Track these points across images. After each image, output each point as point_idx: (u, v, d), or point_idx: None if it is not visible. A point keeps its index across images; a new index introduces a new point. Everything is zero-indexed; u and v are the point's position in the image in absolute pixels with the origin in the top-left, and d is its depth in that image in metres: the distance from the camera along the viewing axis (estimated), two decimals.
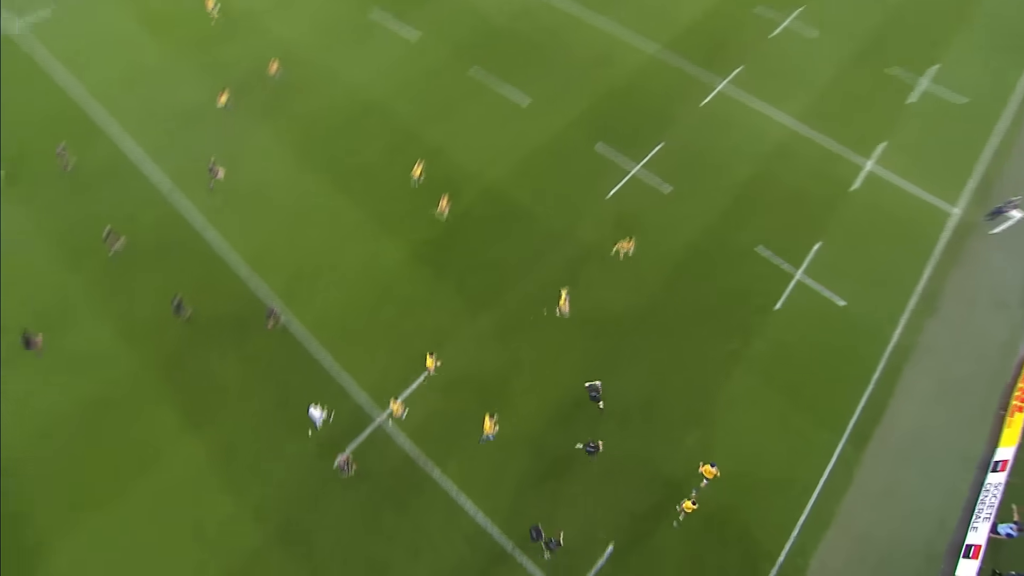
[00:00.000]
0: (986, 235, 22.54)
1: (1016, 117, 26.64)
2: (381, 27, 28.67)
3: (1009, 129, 26.09)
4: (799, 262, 21.00)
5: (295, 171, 22.97)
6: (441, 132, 24.29)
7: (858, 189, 23.32)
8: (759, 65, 27.82)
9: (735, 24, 29.87)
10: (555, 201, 22.11)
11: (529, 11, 29.88)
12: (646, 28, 29.06)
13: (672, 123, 24.88)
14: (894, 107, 26.63)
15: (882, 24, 30.53)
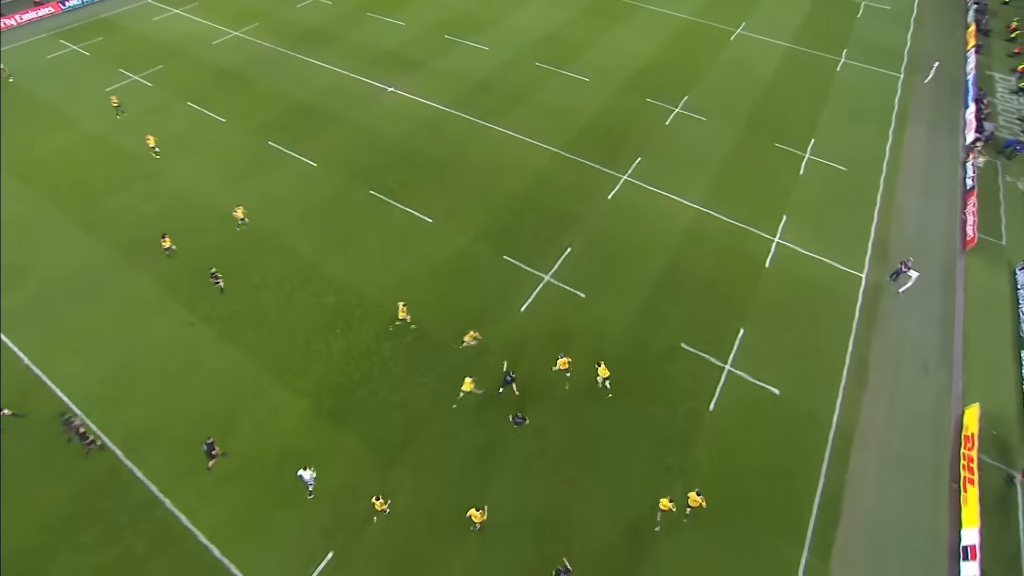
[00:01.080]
0: (895, 296, 22.92)
1: (888, 181, 28.45)
2: (279, 157, 28.16)
3: (885, 193, 27.69)
4: (726, 354, 20.37)
5: (177, 325, 20.91)
6: (343, 261, 23.10)
7: (771, 266, 23.51)
8: (659, 152, 28.90)
9: (631, 115, 31.34)
10: (466, 323, 20.89)
11: (423, 125, 30.33)
12: (543, 132, 29.96)
13: (579, 223, 24.82)
14: (788, 179, 27.90)
15: (758, 105, 32.92)
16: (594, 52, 37.22)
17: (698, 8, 44.39)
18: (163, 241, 22.80)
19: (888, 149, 30.59)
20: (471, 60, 35.98)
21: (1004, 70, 39.16)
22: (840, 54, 39.21)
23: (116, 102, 31.03)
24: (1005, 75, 38.61)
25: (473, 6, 43.05)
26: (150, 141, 27.89)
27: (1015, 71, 38.74)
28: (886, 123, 32.61)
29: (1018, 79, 38.08)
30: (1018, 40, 42.69)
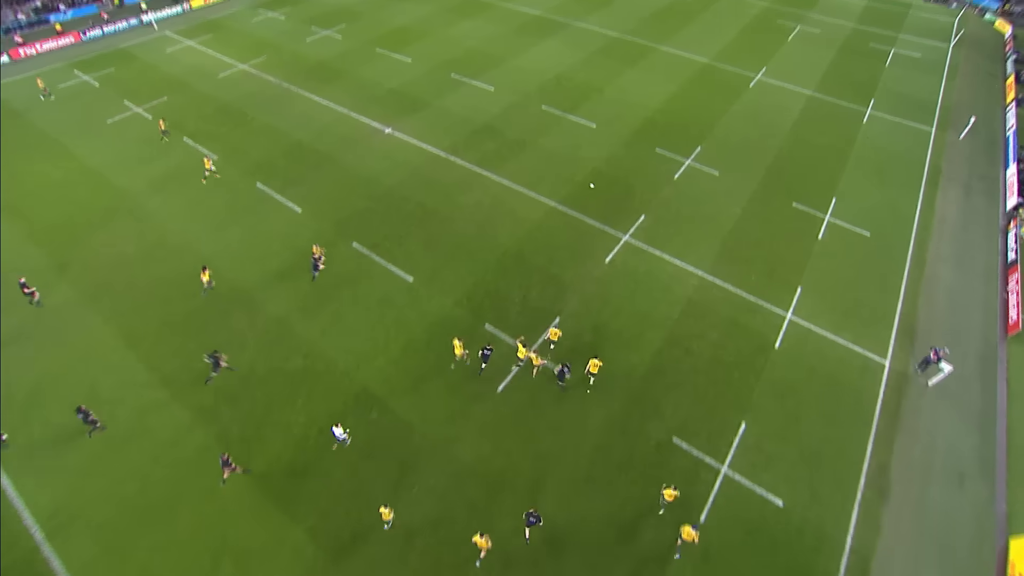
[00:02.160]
0: (923, 389, 20.26)
1: (917, 249, 25.87)
2: (266, 202, 27.04)
3: (913, 263, 25.11)
4: (724, 452, 17.98)
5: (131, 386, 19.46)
6: (315, 323, 21.52)
7: (780, 347, 21.12)
8: (665, 210, 26.94)
9: (638, 167, 29.51)
10: (435, 405, 18.98)
11: (417, 172, 28.97)
12: (542, 183, 28.31)
13: (572, 289, 22.87)
14: (804, 244, 25.59)
15: (776, 159, 30.80)
16: (604, 96, 35.73)
17: (716, 52, 42.76)
18: (203, 275, 22.01)
19: (918, 213, 28.06)
20: (475, 101, 34.80)
21: None
22: (867, 105, 36.96)
23: (164, 126, 31.02)
24: None
25: (483, 43, 42.22)
26: (207, 164, 28.37)
27: None
28: (916, 183, 30.11)
29: None
30: None
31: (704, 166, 29.82)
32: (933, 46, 46.37)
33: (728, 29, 46.82)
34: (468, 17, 46.92)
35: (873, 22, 50.46)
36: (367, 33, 43.73)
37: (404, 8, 48.44)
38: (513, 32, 44.33)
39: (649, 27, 46.27)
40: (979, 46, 47.10)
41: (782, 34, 46.62)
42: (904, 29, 49.34)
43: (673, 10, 50.09)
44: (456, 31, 44.21)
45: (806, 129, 33.71)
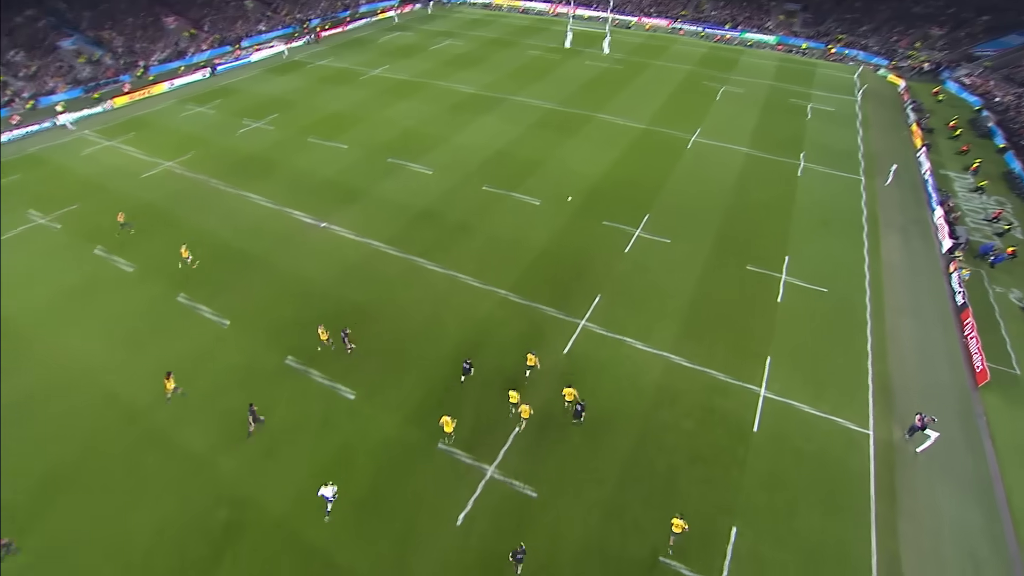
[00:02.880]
0: (913, 458, 19.08)
1: (874, 301, 25.71)
2: (188, 316, 24.25)
3: (874, 317, 24.81)
4: (718, 567, 15.86)
5: None
6: (243, 458, 18.52)
7: (760, 431, 19.65)
8: (620, 287, 25.86)
9: (587, 243, 28.65)
10: (385, 544, 16.18)
11: (355, 269, 27.06)
12: (489, 271, 26.88)
13: (529, 390, 20.90)
14: (766, 309, 24.88)
15: (724, 221, 30.79)
16: (546, 170, 35.50)
17: (651, 116, 44.09)
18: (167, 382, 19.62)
19: (867, 263, 28.21)
20: (414, 186, 33.74)
21: (957, 168, 38.57)
22: (799, 158, 38.35)
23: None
24: (959, 173, 37.91)
25: (420, 124, 41.92)
26: (184, 252, 26.70)
27: (968, 169, 38.14)
28: (858, 233, 30.60)
29: (974, 177, 37.36)
30: (961, 138, 42.85)
31: (654, 235, 29.34)
32: (843, 99, 49.71)
33: (658, 94, 48.77)
34: (403, 98, 46.99)
35: (787, 80, 54.01)
36: (300, 122, 42.79)
37: (338, 94, 48.15)
38: (449, 111, 44.48)
39: (583, 97, 47.59)
40: (881, 98, 50.88)
41: (709, 95, 48.93)
42: (815, 85, 52.96)
43: (604, 80, 52.05)
44: (392, 113, 43.94)
45: (748, 186, 34.28)
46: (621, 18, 75.27)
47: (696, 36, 69.86)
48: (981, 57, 55.97)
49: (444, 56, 58.43)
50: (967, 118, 46.46)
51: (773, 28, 69.55)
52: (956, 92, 52.47)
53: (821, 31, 67.80)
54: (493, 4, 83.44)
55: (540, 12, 79.48)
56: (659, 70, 55.40)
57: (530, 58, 58.04)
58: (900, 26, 64.63)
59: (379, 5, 79.25)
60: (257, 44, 62.30)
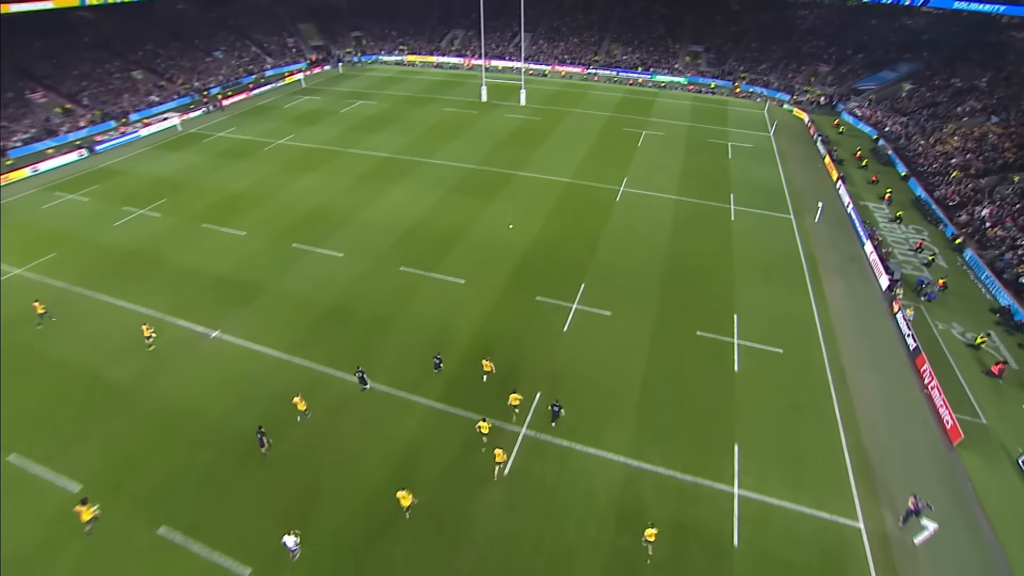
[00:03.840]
0: (913, 551, 16.91)
1: (831, 358, 24.33)
2: (25, 483, 18.88)
3: (835, 377, 23.31)
4: None
5: None
6: None
7: (741, 545, 16.91)
8: (563, 379, 22.98)
9: (521, 325, 25.79)
10: None
11: (251, 391, 22.73)
12: (410, 377, 23.25)
13: (469, 529, 17.23)
14: (724, 384, 22.75)
15: (665, 283, 29.02)
16: (469, 241, 32.81)
17: (575, 168, 42.93)
18: None
19: (816, 312, 27.08)
20: (322, 274, 29.94)
21: (873, 198, 39.63)
22: (729, 200, 37.98)
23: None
24: (876, 203, 38.88)
25: (328, 199, 38.42)
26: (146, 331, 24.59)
27: (883, 199, 39.22)
28: (800, 278, 29.72)
29: (889, 207, 38.35)
30: (868, 167, 44.58)
31: (593, 308, 26.99)
32: (758, 136, 51.15)
33: (580, 144, 48.06)
34: (310, 169, 43.47)
35: (704, 119, 55.30)
36: (192, 206, 38.14)
37: (238, 170, 43.95)
38: (360, 181, 41.37)
39: (503, 154, 46.00)
40: (792, 132, 52.91)
41: (631, 141, 48.79)
42: (730, 123, 54.46)
43: (523, 133, 51.00)
44: (297, 188, 40.23)
45: (684, 238, 33.04)
46: (536, 67, 76.20)
47: (611, 81, 71.50)
48: (865, 91, 60.16)
49: (355, 119, 55.80)
50: (868, 147, 48.79)
51: (682, 69, 72.45)
52: (853, 123, 55.60)
53: (725, 70, 71.25)
54: (406, 61, 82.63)
55: (454, 66, 79.28)
56: (578, 118, 55.29)
57: (446, 115, 56.49)
58: (793, 63, 68.99)
59: (286, 69, 76.26)
60: (146, 118, 57.21)
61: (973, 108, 49.26)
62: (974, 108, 49.22)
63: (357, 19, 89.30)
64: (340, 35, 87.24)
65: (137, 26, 69.31)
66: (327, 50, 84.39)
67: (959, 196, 37.79)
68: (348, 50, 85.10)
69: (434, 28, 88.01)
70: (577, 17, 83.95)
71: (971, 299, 28.76)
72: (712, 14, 78.14)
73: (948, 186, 39.49)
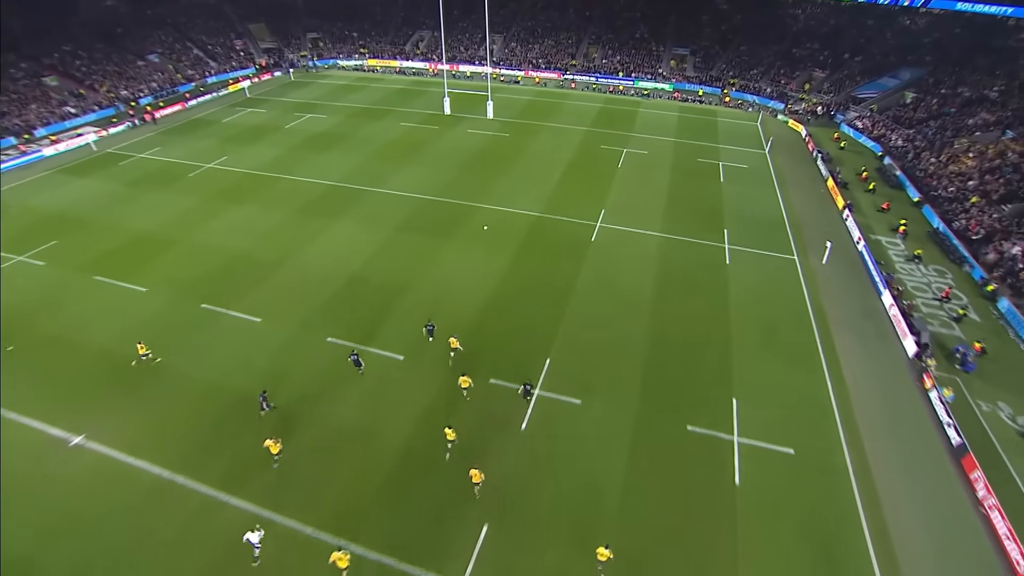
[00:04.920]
0: None
1: (856, 462, 19.92)
2: None
3: (864, 495, 18.87)
4: None
5: None
6: None
7: None
8: (519, 503, 18.25)
9: (473, 422, 20.93)
10: None
11: (115, 533, 17.51)
12: (324, 497, 18.27)
13: None
14: (723, 502, 18.20)
15: (649, 360, 24.30)
16: (414, 300, 27.81)
17: (546, 198, 38.22)
18: None
19: (832, 394, 22.70)
20: (231, 349, 24.74)
21: (885, 230, 35.58)
22: (722, 237, 33.58)
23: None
24: (890, 238, 34.80)
25: (254, 242, 33.11)
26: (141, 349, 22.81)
27: (896, 231, 35.20)
28: (810, 343, 25.36)
29: (903, 241, 34.33)
30: (876, 192, 40.60)
31: (559, 394, 22.23)
32: (753, 154, 47.00)
33: (553, 166, 43.38)
34: (239, 202, 38.12)
35: (691, 134, 51.04)
36: (87, 251, 32.52)
37: (151, 203, 38.31)
38: (295, 217, 36.16)
39: (464, 180, 41.12)
40: (788, 148, 48.88)
41: (610, 163, 44.27)
42: (721, 138, 50.27)
43: (488, 154, 46.18)
44: (219, 228, 34.83)
45: (671, 291, 28.46)
46: (508, 72, 71.51)
47: (589, 88, 67.08)
48: (865, 99, 56.52)
49: (300, 136, 50.47)
50: (874, 166, 44.94)
51: (666, 75, 68.31)
52: (854, 136, 51.83)
53: (713, 75, 67.29)
54: (366, 66, 77.34)
55: (418, 72, 74.24)
56: (552, 134, 50.66)
57: (403, 131, 51.45)
58: (786, 68, 65.26)
59: (231, 75, 70.46)
60: (55, 134, 51.17)
61: (986, 121, 45.68)
62: (987, 121, 45.65)
63: (314, 19, 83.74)
64: (295, 37, 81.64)
65: (54, 24, 62.80)
66: (279, 53, 78.76)
67: (983, 228, 33.89)
68: (303, 53, 79.57)
69: (398, 29, 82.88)
70: (553, 16, 79.48)
71: (1015, 366, 24.68)
72: (698, 14, 74.23)
73: (968, 215, 35.62)
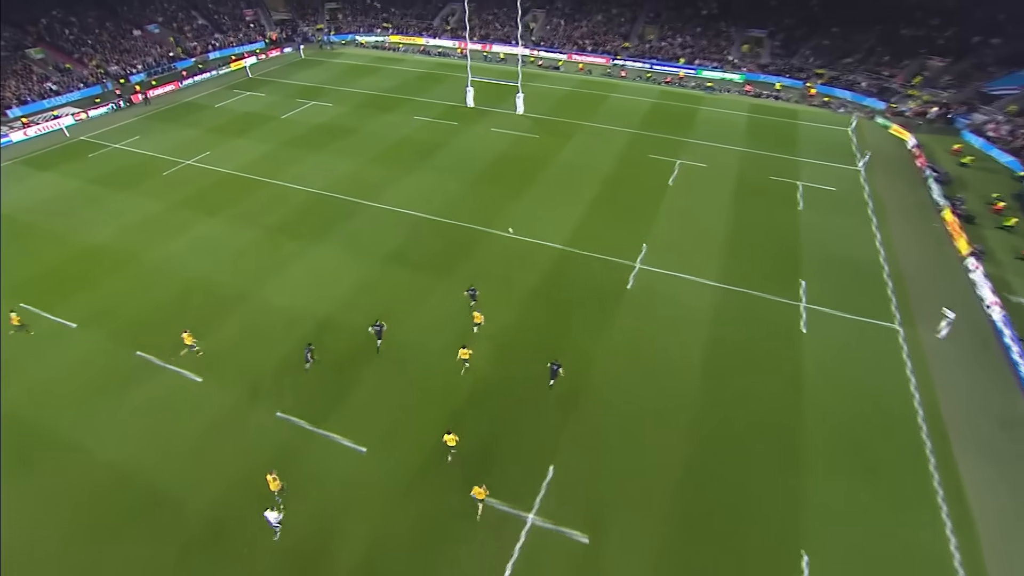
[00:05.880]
0: None
1: None
2: None
3: None
4: None
5: None
6: None
7: None
8: None
9: (445, 562, 16.52)
10: None
11: None
12: None
13: None
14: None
15: (685, 486, 19.17)
16: (391, 361, 23.55)
17: (575, 223, 33.26)
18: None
19: (955, 554, 17.12)
20: (162, 415, 21.09)
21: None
22: (797, 292, 27.86)
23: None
24: None
25: (214, 266, 29.52)
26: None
27: None
28: (921, 469, 19.69)
29: None
30: (1018, 230, 33.59)
31: (560, 526, 17.47)
32: (842, 171, 40.50)
33: (586, 182, 38.21)
34: (209, 213, 34.70)
35: (763, 142, 44.80)
36: (21, 269, 29.68)
37: (112, 208, 35.34)
38: (268, 237, 32.45)
39: (477, 197, 36.57)
40: (890, 164, 41.98)
41: (658, 178, 38.78)
42: (800, 148, 43.84)
43: (511, 161, 41.36)
44: (179, 247, 31.40)
45: (723, 372, 23.14)
46: (548, 56, 66.26)
47: (642, 77, 61.15)
48: (1001, 97, 48.43)
49: (297, 129, 47.00)
50: (1011, 191, 37.63)
51: (737, 62, 61.64)
52: (983, 148, 44.15)
53: (795, 64, 60.21)
54: (387, 43, 73.51)
55: (445, 52, 69.85)
56: (590, 137, 45.39)
57: (415, 128, 47.21)
58: (890, 55, 57.53)
59: (234, 50, 67.93)
60: (30, 115, 49.43)
61: None
62: None
63: None
64: (312, 8, 78.67)
65: None
66: (293, 26, 75.91)
67: None
68: (319, 27, 76.54)
69: (427, 1, 78.68)
70: None
71: None
72: None
73: None
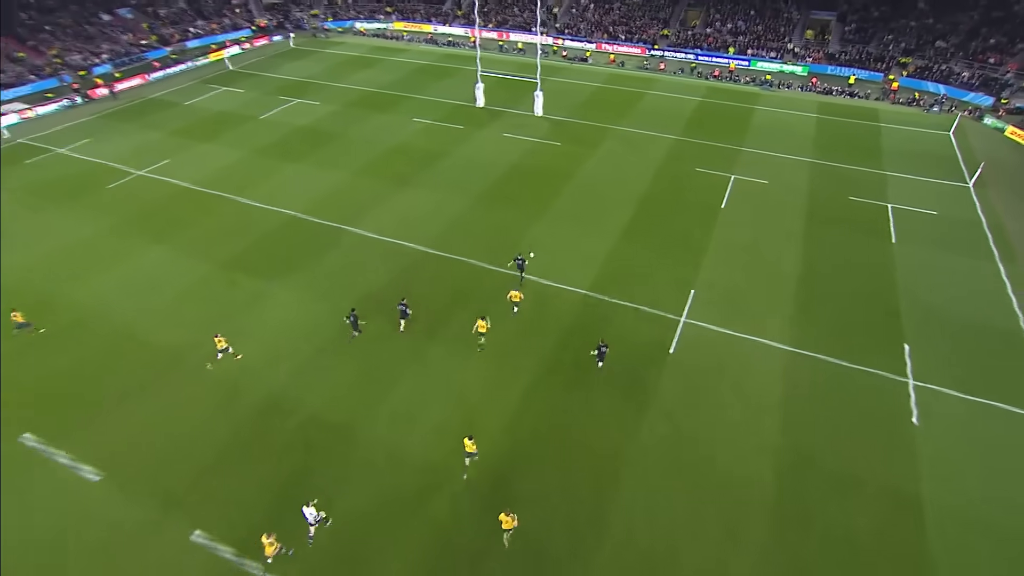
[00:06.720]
0: None
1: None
2: None
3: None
4: None
5: None
6: None
7: None
8: None
9: None
10: None
11: None
12: None
13: None
14: None
15: None
16: (360, 460, 18.74)
17: (603, 258, 28.12)
18: None
19: None
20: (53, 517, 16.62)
21: None
22: (899, 362, 22.29)
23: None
24: None
25: (140, 322, 25.07)
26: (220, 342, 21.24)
27: None
28: None
29: None
30: None
31: None
32: (945, 188, 34.63)
33: (618, 205, 32.90)
34: (153, 239, 30.26)
35: (837, 150, 39.11)
36: None
37: (31, 231, 31.06)
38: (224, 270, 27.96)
39: (482, 221, 31.66)
40: (1013, 179, 35.95)
41: (709, 200, 33.39)
42: (886, 161, 38.01)
43: (526, 176, 36.39)
44: (107, 283, 26.91)
45: (804, 485, 17.77)
46: (574, 45, 61.29)
47: (686, 71, 55.77)
48: None
49: (275, 132, 42.75)
50: None
51: (799, 52, 55.90)
52: None
53: (871, 53, 54.20)
54: (390, 31, 69.36)
55: (455, 41, 65.34)
56: (623, 145, 40.20)
57: (413, 132, 42.54)
58: (997, 36, 51.09)
59: (215, 39, 64.36)
60: None
61: None
62: None
63: None
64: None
65: None
66: (285, 12, 72.34)
67: None
68: (314, 12, 72.81)
69: None
70: None
71: None
72: None
73: None
